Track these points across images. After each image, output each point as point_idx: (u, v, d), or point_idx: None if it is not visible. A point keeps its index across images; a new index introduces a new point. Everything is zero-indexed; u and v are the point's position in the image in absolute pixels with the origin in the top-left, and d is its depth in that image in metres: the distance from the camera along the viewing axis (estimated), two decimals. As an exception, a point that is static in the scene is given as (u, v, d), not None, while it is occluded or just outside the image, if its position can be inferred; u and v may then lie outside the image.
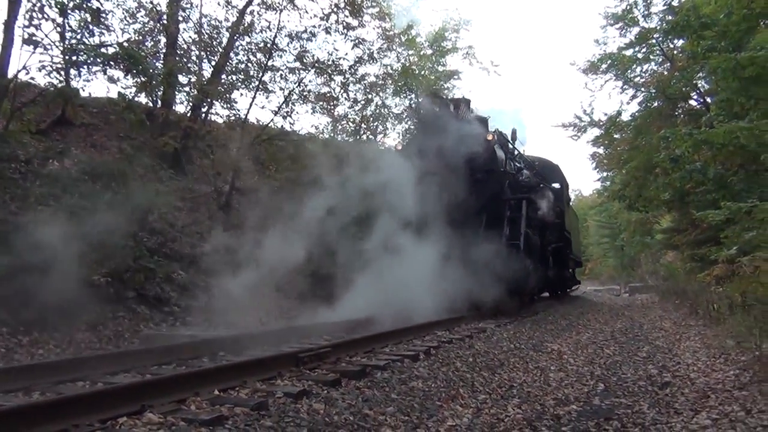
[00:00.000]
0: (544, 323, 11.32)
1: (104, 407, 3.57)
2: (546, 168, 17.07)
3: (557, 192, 16.35)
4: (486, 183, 11.70)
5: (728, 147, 9.78)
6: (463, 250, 10.50)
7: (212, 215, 13.37)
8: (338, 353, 5.95)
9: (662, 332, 10.48)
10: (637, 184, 18.48)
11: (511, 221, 11.62)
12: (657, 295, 21.75)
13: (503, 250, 10.88)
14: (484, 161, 11.78)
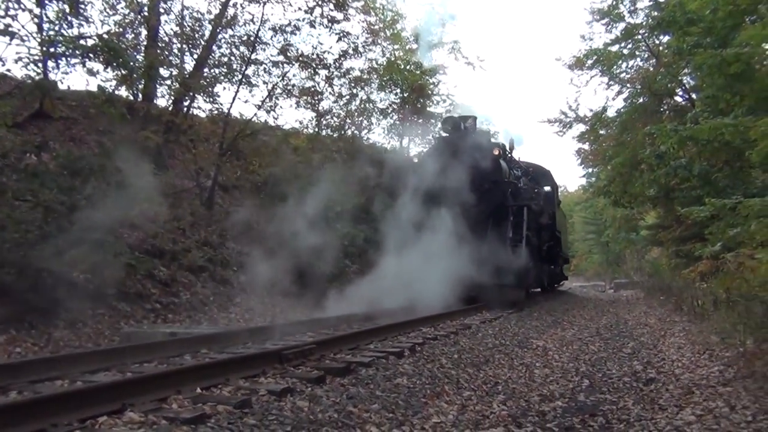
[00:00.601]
0: (529, 319, 11.39)
1: (84, 406, 3.53)
2: (538, 173, 18.84)
3: (549, 195, 18.21)
4: (492, 192, 13.66)
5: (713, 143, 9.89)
6: (474, 249, 12.28)
7: (194, 211, 13.28)
8: (323, 350, 5.94)
9: (647, 328, 10.57)
10: (622, 180, 18.59)
11: (514, 225, 13.57)
12: (642, 292, 21.93)
13: (508, 250, 12.93)
14: (491, 173, 13.69)
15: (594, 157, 26.31)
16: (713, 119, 9.78)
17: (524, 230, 13.54)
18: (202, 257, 11.73)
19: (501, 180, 13.95)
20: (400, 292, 11.71)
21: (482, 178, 13.53)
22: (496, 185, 13.80)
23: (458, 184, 13.11)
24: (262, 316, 11.17)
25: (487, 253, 12.39)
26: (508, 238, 13.33)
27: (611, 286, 33.45)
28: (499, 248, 12.82)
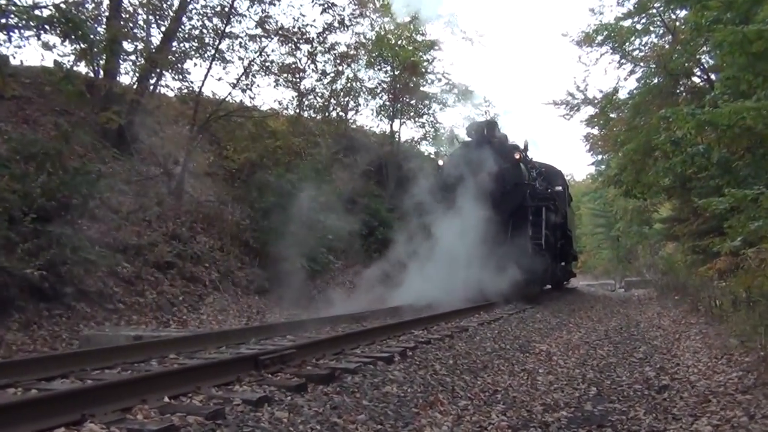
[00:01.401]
0: (531, 321, 11.45)
1: (39, 417, 3.52)
2: (551, 173, 20.97)
3: (561, 195, 20.19)
4: (514, 194, 15.74)
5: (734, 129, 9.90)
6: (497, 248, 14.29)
7: (162, 201, 13.23)
8: (304, 355, 5.94)
9: (660, 331, 10.66)
10: (634, 168, 18.65)
11: (533, 224, 15.65)
12: (655, 291, 22.10)
13: (528, 248, 15.10)
14: (512, 176, 15.87)
15: (604, 143, 26.40)
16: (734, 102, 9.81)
17: (543, 229, 15.69)
18: (170, 252, 11.69)
19: (521, 182, 16.12)
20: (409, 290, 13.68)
21: (504, 181, 15.67)
22: (517, 187, 15.90)
23: (481, 187, 15.20)
24: (236, 317, 11.16)
25: (508, 252, 14.40)
26: (528, 237, 15.43)
27: (622, 285, 33.67)
28: (519, 247, 14.92)
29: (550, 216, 16.81)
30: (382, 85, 24.29)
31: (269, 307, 12.49)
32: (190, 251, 12.20)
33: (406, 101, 24.66)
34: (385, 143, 24.65)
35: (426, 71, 25.12)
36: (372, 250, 18.60)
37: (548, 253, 16.25)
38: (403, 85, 23.85)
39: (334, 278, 16.17)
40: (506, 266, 14.06)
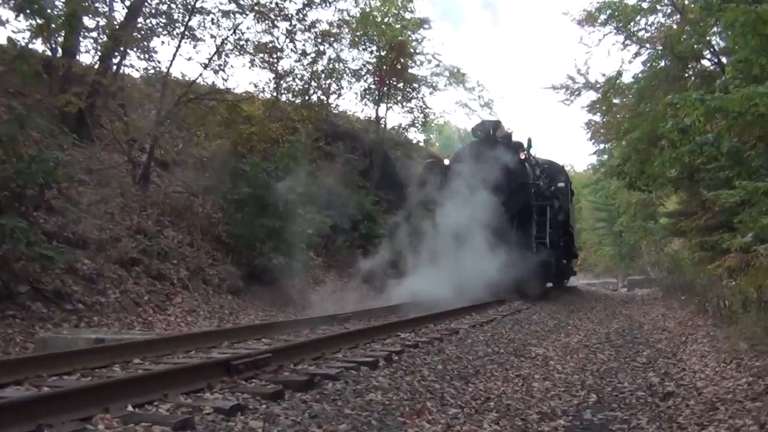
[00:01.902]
0: (527, 323, 11.51)
1: (-11, 427, 3.49)
2: (553, 169, 22.51)
3: (563, 191, 21.78)
4: (519, 193, 17.40)
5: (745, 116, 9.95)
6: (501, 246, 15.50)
7: (126, 192, 13.15)
8: (280, 360, 5.93)
9: (665, 334, 10.74)
10: (639, 158, 18.71)
11: (538, 224, 17.52)
12: (660, 290, 22.27)
13: (533, 246, 16.95)
14: (518, 176, 17.54)
15: (606, 131, 26.46)
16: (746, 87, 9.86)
17: (547, 228, 17.44)
18: (134, 248, 11.62)
19: (527, 182, 17.80)
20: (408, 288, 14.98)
21: (510, 181, 17.17)
22: (523, 187, 17.56)
23: (487, 186, 16.47)
24: (207, 318, 11.12)
25: (513, 250, 15.75)
26: (533, 236, 17.24)
27: (624, 284, 33.90)
28: (524, 245, 16.63)
29: (554, 215, 18.56)
30: (367, 67, 24.27)
31: (243, 307, 12.46)
32: (157, 247, 12.12)
33: (393, 84, 24.60)
34: (371, 130, 24.63)
35: (415, 52, 25.11)
36: (356, 245, 18.60)
37: (552, 252, 17.85)
38: (390, 67, 23.79)
39: (314, 276, 16.16)
40: (511, 264, 15.29)
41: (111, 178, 13.24)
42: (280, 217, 13.70)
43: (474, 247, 15.57)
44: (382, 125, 24.88)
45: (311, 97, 21.70)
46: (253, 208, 13.75)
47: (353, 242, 18.65)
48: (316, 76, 21.69)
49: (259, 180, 13.86)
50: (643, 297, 21.73)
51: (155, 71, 14.63)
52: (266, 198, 13.66)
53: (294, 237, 14.14)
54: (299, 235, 14.48)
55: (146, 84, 15.03)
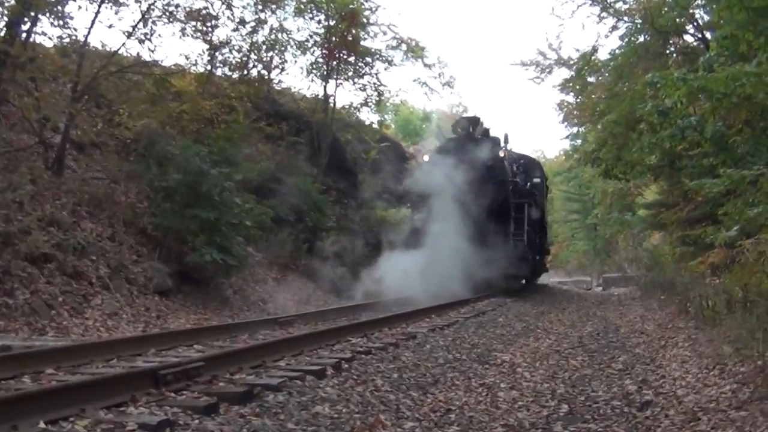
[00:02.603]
0: (492, 327, 11.61)
1: None
2: (529, 164, 24.86)
3: (539, 187, 24.02)
4: (498, 191, 19.51)
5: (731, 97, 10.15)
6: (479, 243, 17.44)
7: (37, 178, 12.89)
8: (215, 369, 5.90)
9: (643, 337, 10.93)
10: (615, 143, 18.94)
11: (516, 221, 19.59)
12: (638, 289, 22.64)
13: (511, 244, 18.87)
14: (496, 173, 19.75)
15: (580, 113, 26.76)
16: (731, 66, 10.05)
17: (525, 225, 19.60)
18: (47, 242, 11.40)
19: (505, 179, 20.04)
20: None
21: (489, 178, 19.27)
22: (501, 184, 19.75)
23: (466, 183, 18.46)
24: (131, 322, 10.99)
25: (491, 247, 17.66)
26: (511, 233, 19.26)
27: (599, 282, 34.43)
28: (502, 243, 18.49)
29: (532, 212, 20.66)
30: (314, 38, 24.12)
31: (172, 309, 12.33)
32: (73, 241, 11.91)
33: (344, 58, 24.51)
34: (318, 109, 24.53)
35: (368, 22, 25.04)
36: (301, 239, 18.54)
37: (529, 249, 20.00)
38: (340, 39, 23.69)
39: (253, 274, 16.07)
40: (488, 262, 17.30)
41: (19, 163, 12.97)
42: (215, 207, 13.58)
43: (450, 244, 17.14)
44: (331, 104, 24.77)
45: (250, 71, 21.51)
46: (183, 196, 13.60)
47: (298, 236, 18.59)
48: (256, 48, 21.51)
49: (190, 165, 13.70)
50: (620, 297, 22.08)
51: (71, 40, 14.33)
52: (199, 185, 13.52)
53: (231, 230, 14.03)
54: (237, 227, 14.38)
55: (61, 54, 14.72)
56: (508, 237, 19.12)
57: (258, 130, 20.37)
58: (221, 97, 18.09)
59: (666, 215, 21.80)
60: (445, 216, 17.90)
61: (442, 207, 18.20)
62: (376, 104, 26.81)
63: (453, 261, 16.96)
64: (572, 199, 50.52)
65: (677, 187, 19.38)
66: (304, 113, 24.32)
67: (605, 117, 19.46)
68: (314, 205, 19.55)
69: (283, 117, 22.51)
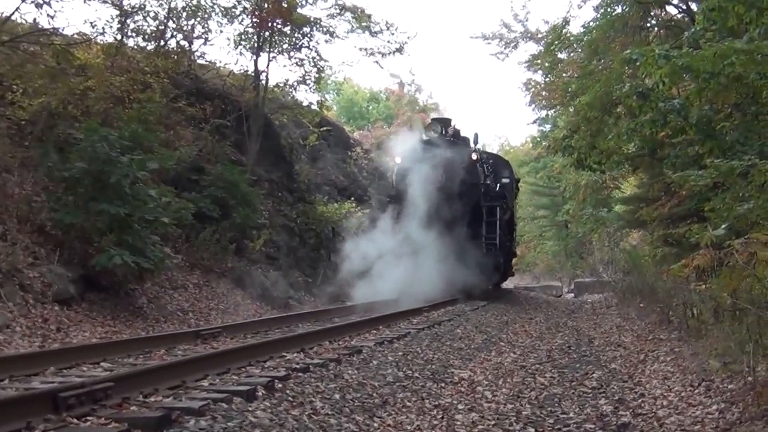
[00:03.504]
0: (449, 339, 11.66)
1: None
2: (498, 164, 26.90)
3: (508, 187, 26.18)
4: (470, 194, 21.77)
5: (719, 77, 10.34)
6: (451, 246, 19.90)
7: None
8: (126, 390, 5.84)
9: (620, 350, 11.09)
10: (589, 129, 19.10)
11: (488, 224, 21.93)
12: (614, 296, 22.98)
13: (483, 246, 21.29)
14: (469, 176, 21.97)
15: (549, 94, 27.07)
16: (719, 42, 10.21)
17: (497, 229, 21.90)
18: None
19: (477, 182, 22.29)
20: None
21: (461, 181, 21.48)
22: (474, 187, 22.00)
23: (438, 186, 20.90)
24: (26, 336, 10.80)
25: (462, 251, 19.96)
26: (483, 236, 21.55)
27: (571, 288, 34.83)
28: (474, 245, 20.80)
29: (503, 215, 23.11)
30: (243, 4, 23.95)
31: (76, 321, 12.15)
32: (-46, 240, 11.71)
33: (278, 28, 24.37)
34: (248, 88, 24.36)
35: (305, -13, 24.97)
36: (227, 239, 18.41)
37: (501, 252, 22.52)
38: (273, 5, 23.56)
39: (171, 280, 15.91)
40: (459, 266, 19.54)
41: None
42: (126, 202, 13.40)
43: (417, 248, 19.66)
44: (263, 82, 24.61)
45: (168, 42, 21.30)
46: (89, 189, 13.40)
47: (224, 234, 18.44)
48: (175, 15, 21.31)
49: (97, 151, 13.50)
50: (594, 304, 22.40)
51: (-47, 3, 14.06)
52: (107, 176, 13.33)
53: (145, 227, 13.87)
54: (152, 224, 14.22)
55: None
56: (480, 240, 21.39)
57: (177, 111, 20.13)
58: (133, 72, 17.87)
59: (646, 211, 22.10)
60: (414, 219, 20.27)
61: (412, 210, 20.54)
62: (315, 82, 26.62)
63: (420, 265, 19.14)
64: (540, 192, 50.85)
65: (659, 180, 19.68)
66: (231, 92, 24.09)
67: (578, 99, 19.69)
68: (243, 198, 19.39)
69: (207, 96, 22.26)
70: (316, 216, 24.46)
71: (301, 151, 27.30)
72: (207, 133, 20.40)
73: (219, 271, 17.65)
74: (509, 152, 59.79)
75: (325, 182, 27.56)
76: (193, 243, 17.40)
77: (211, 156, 19.94)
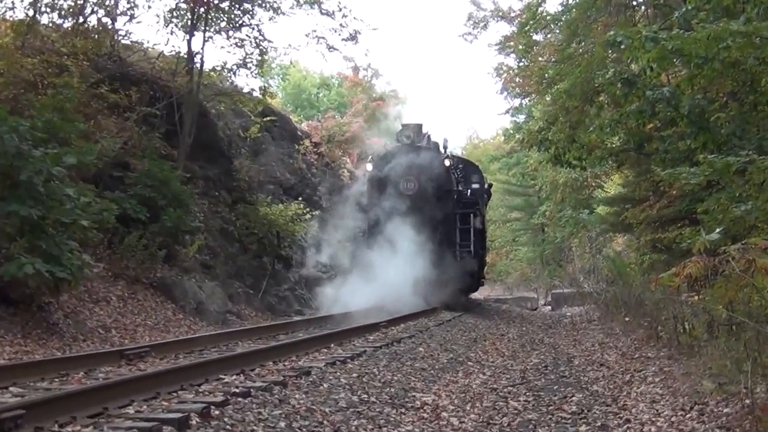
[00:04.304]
0: (410, 358, 11.66)
1: None
2: (468, 168, 29.68)
3: (479, 192, 28.91)
4: (444, 201, 23.96)
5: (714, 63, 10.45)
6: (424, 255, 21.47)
7: None
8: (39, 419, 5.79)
9: (603, 370, 11.16)
10: (568, 120, 19.20)
11: (461, 231, 24.12)
12: (596, 309, 23.11)
13: (457, 255, 23.42)
14: (442, 183, 24.14)
15: (524, 81, 27.19)
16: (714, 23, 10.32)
17: (471, 236, 24.07)
18: None
19: (451, 189, 24.54)
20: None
21: (434, 189, 23.70)
22: (447, 194, 24.22)
23: (410, 194, 23.28)
24: None
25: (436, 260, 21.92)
26: (457, 244, 23.75)
27: (547, 300, 35.04)
28: (449, 254, 23.07)
29: (476, 222, 25.18)
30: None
31: None
32: None
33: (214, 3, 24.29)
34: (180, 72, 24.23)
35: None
36: (156, 245, 18.28)
37: (475, 260, 24.63)
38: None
39: (92, 291, 15.77)
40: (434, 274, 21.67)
41: None
42: (39, 202, 13.28)
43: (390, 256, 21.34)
44: (198, 65, 24.49)
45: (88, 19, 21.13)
46: (-6, 187, 13.28)
47: (153, 240, 18.32)
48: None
49: (5, 144, 13.37)
50: (574, 318, 22.51)
51: None
52: (17, 172, 13.20)
53: (61, 232, 13.74)
54: (69, 228, 14.09)
55: None
56: (454, 248, 23.68)
57: (98, 99, 19.97)
58: (48, 54, 17.72)
59: (632, 214, 22.27)
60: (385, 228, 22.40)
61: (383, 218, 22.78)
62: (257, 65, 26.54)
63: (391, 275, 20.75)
64: (513, 192, 50.98)
65: (646, 178, 19.86)
66: (161, 76, 23.93)
67: (555, 86, 19.78)
68: (174, 198, 19.28)
69: (133, 81, 22.09)
70: (258, 219, 24.28)
71: (241, 145, 27.23)
72: (133, 123, 20.24)
73: (147, 282, 17.52)
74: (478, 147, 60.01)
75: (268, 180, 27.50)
76: (116, 249, 17.26)
77: (137, 150, 19.78)
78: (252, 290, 22.06)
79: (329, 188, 34.31)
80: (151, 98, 21.67)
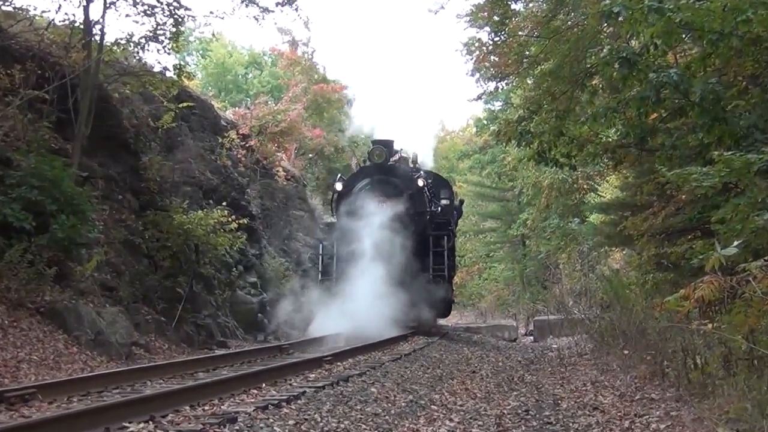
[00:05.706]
0: (360, 401, 11.66)
1: None
2: (437, 183, 33.14)
3: (449, 210, 32.46)
4: (417, 223, 27.05)
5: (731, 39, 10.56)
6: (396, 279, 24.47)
7: None
8: None
9: (597, 415, 11.22)
10: (555, 108, 19.34)
11: (435, 254, 27.29)
12: (589, 340, 23.25)
13: (431, 278, 26.55)
14: (415, 204, 27.22)
15: (500, 60, 27.30)
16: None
17: (446, 259, 27.45)
18: None
19: (424, 210, 27.74)
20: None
21: (407, 210, 26.57)
22: (420, 216, 27.40)
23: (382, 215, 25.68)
24: None
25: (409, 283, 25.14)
26: (430, 267, 26.85)
27: (529, 329, 35.21)
28: (421, 278, 26.16)
29: (450, 244, 28.72)
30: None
31: None
32: None
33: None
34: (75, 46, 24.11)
35: None
36: (45, 260, 18.16)
37: (449, 284, 28.50)
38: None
39: None
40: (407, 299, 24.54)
41: None
42: None
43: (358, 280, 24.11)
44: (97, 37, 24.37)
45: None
46: None
47: (40, 254, 18.20)
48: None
49: None
50: (561, 351, 22.60)
51: None
52: None
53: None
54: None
55: None
56: (427, 272, 26.85)
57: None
58: None
59: (632, 223, 22.34)
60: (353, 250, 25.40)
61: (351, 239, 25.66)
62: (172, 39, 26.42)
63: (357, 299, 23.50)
64: (487, 196, 51.03)
65: (649, 180, 19.98)
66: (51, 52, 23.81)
67: (539, 67, 19.89)
68: (67, 203, 19.15)
69: (16, 58, 21.95)
70: (172, 228, 24.07)
71: (151, 137, 27.09)
72: (15, 109, 20.11)
73: (32, 307, 17.38)
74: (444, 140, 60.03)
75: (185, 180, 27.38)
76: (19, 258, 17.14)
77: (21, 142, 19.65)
78: (164, 317, 21.88)
79: (260, 191, 34.30)
80: (39, 79, 21.47)
